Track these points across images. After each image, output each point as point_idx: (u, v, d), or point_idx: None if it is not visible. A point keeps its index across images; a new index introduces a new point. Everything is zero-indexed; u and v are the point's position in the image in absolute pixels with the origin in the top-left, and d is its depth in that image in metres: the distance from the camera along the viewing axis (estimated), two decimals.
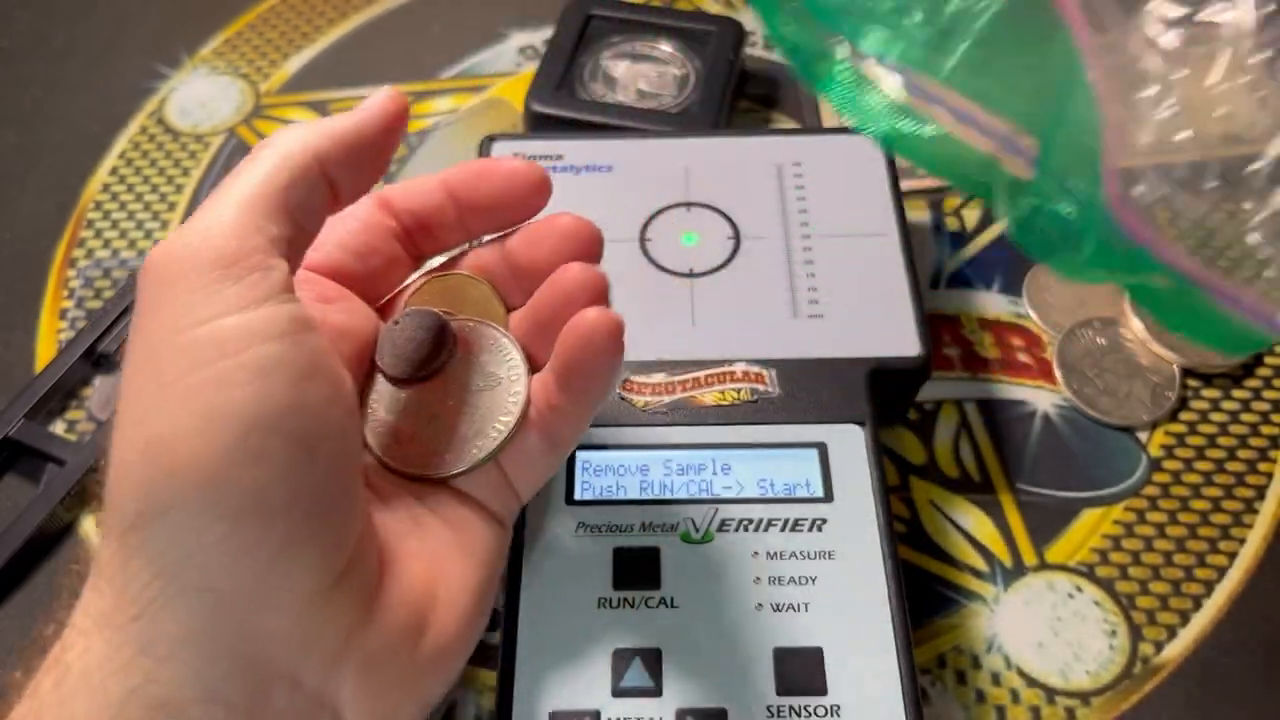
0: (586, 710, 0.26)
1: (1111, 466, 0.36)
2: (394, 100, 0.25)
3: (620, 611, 0.28)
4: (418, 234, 0.28)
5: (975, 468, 0.36)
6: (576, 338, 0.25)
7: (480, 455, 0.26)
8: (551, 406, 0.26)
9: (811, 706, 0.26)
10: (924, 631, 0.33)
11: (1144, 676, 0.32)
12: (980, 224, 0.43)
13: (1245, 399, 0.38)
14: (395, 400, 0.27)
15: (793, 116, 0.47)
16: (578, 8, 0.47)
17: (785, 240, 0.35)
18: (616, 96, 0.44)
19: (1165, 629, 0.33)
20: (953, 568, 0.34)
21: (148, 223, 0.44)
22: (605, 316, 0.25)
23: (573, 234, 0.27)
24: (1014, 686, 0.32)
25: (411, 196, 0.28)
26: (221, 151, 0.46)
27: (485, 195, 0.27)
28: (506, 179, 0.27)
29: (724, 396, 0.32)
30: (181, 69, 0.49)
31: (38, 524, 0.34)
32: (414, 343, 0.27)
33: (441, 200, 0.28)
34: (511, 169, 0.27)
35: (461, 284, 0.28)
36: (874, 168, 0.37)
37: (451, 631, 0.24)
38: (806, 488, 0.30)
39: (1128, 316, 0.39)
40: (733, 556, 0.29)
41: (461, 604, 0.25)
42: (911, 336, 0.33)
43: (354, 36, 0.51)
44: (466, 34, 0.51)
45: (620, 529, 0.29)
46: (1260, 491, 0.35)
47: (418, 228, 0.28)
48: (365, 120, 0.25)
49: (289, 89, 0.49)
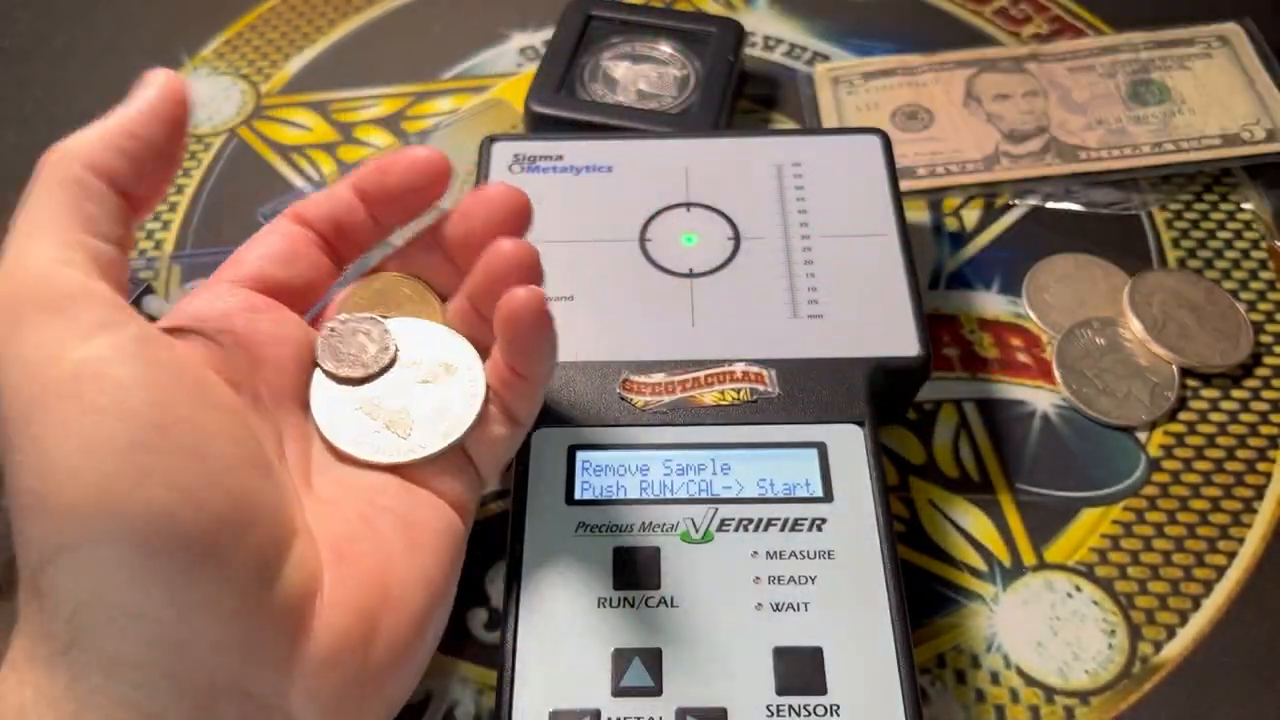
0: (586, 710, 0.26)
1: (1110, 466, 0.36)
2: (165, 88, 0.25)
3: (620, 611, 0.28)
4: (335, 239, 0.29)
5: (974, 468, 0.36)
6: (506, 318, 0.25)
7: (451, 438, 0.27)
8: (505, 384, 0.27)
9: (811, 706, 0.26)
10: (923, 631, 0.33)
11: (1143, 676, 0.32)
12: (980, 224, 0.43)
13: (1244, 399, 0.38)
14: (345, 399, 0.27)
15: (793, 116, 0.47)
16: (578, 8, 0.47)
17: (785, 240, 0.35)
18: (616, 97, 0.44)
19: (1164, 628, 0.33)
20: (952, 567, 0.34)
21: (149, 223, 0.44)
22: (531, 296, 0.25)
23: (502, 203, 0.28)
24: (1013, 686, 0.32)
25: (322, 204, 0.29)
26: (223, 152, 0.46)
27: (392, 186, 0.28)
28: (408, 168, 0.28)
29: (724, 396, 0.32)
30: (182, 69, 0.49)
31: None
32: (355, 345, 0.28)
33: (350, 201, 0.28)
34: (412, 157, 0.28)
35: (393, 284, 0.29)
36: (874, 168, 0.37)
37: (406, 631, 0.24)
38: (806, 487, 0.30)
39: (1127, 317, 0.39)
40: (732, 556, 0.29)
41: (416, 601, 0.25)
42: (911, 337, 0.33)
43: (355, 37, 0.51)
44: (467, 35, 0.51)
45: (620, 529, 0.29)
46: (1259, 491, 0.35)
47: (334, 233, 0.29)
48: (135, 118, 0.24)
49: (290, 90, 0.49)
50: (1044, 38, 0.49)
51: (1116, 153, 0.43)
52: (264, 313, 0.27)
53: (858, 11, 0.51)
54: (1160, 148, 0.43)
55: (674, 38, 0.46)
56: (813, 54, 0.49)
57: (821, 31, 0.50)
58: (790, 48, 0.50)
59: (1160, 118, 0.44)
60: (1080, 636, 0.32)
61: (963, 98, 0.46)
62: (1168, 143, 0.43)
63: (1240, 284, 0.41)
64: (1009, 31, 0.50)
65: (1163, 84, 0.46)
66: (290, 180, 0.45)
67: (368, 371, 0.27)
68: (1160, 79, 0.46)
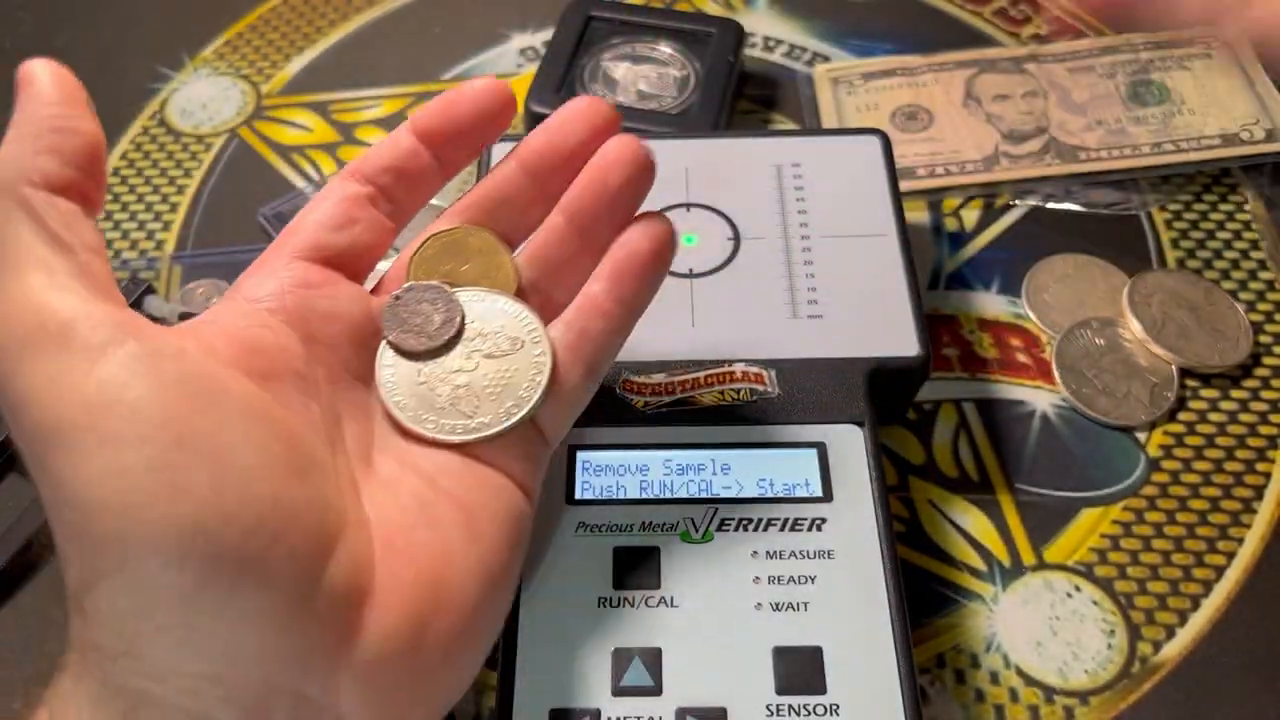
0: (587, 709, 0.26)
1: (1110, 466, 0.36)
2: (53, 75, 0.23)
3: (620, 611, 0.28)
4: (397, 190, 0.28)
5: (974, 467, 0.36)
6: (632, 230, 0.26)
7: (516, 417, 0.26)
8: (589, 328, 0.27)
9: (811, 705, 0.26)
10: (923, 631, 0.33)
11: (1142, 676, 0.32)
12: (979, 224, 0.43)
13: (1243, 399, 0.38)
14: (408, 371, 0.27)
15: (793, 117, 0.47)
16: (578, 9, 0.47)
17: (785, 241, 0.35)
18: (616, 98, 0.44)
19: (1163, 628, 0.33)
20: (951, 567, 0.34)
21: (150, 223, 0.44)
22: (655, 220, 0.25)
23: (595, 112, 0.27)
24: (1013, 686, 0.32)
25: (382, 155, 0.28)
26: (223, 152, 0.46)
27: (461, 118, 0.27)
28: (475, 98, 0.27)
29: (724, 396, 0.32)
30: (183, 70, 0.49)
31: (40, 524, 0.34)
32: (420, 315, 0.27)
33: (412, 146, 0.28)
34: (477, 87, 0.27)
35: (462, 236, 0.28)
36: (873, 168, 0.37)
37: (460, 626, 0.24)
38: (806, 487, 0.30)
39: (1126, 317, 0.39)
40: (732, 556, 0.29)
41: (472, 597, 0.24)
42: (911, 337, 0.33)
43: (355, 38, 0.51)
44: (467, 35, 0.51)
45: (620, 529, 0.29)
46: (1258, 491, 0.35)
47: (395, 182, 0.28)
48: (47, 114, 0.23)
49: (290, 90, 0.49)
50: (1044, 38, 0.49)
51: (1116, 153, 0.43)
52: (318, 288, 0.26)
53: (857, 12, 0.51)
54: (1160, 148, 0.43)
55: (674, 38, 0.46)
56: (812, 54, 0.50)
57: (821, 32, 0.51)
58: (790, 48, 0.50)
59: (1160, 118, 0.44)
60: (1080, 636, 0.32)
61: (962, 98, 0.46)
62: (1167, 143, 0.43)
63: (1240, 284, 0.41)
64: (1009, 32, 0.50)
65: (1162, 84, 0.46)
66: (291, 181, 0.45)
67: (433, 344, 0.27)
68: (1160, 79, 0.46)
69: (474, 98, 0.27)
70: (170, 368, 0.21)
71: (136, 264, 0.42)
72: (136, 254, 0.43)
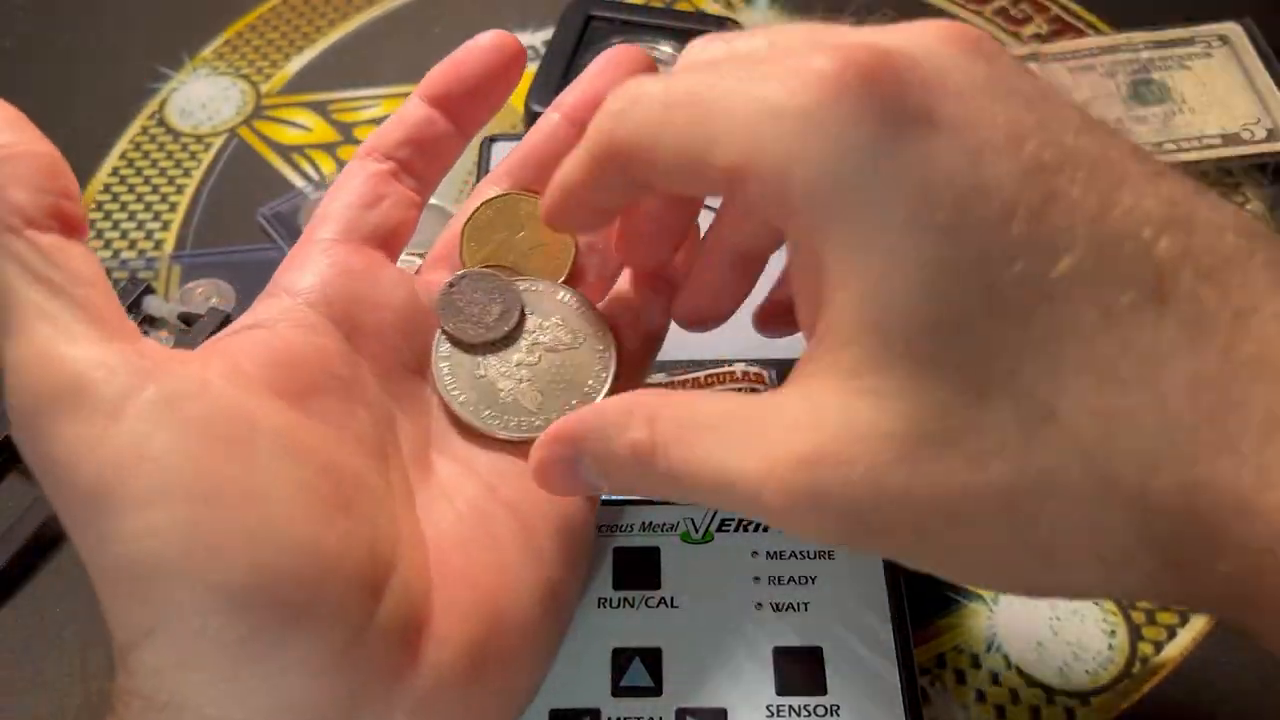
0: (586, 709, 0.26)
1: None
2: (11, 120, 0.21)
3: (620, 611, 0.28)
4: (417, 162, 0.27)
5: None
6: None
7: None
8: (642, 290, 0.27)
9: (811, 706, 0.26)
10: (923, 631, 0.33)
11: (1143, 676, 0.32)
12: None
13: None
14: (466, 363, 0.26)
15: None
16: (578, 8, 0.47)
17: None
18: None
19: (1164, 629, 0.33)
20: None
21: (149, 223, 0.44)
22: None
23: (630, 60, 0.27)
24: (1013, 686, 0.32)
25: (396, 128, 0.27)
26: (223, 152, 0.46)
27: (471, 76, 0.27)
28: (482, 54, 0.27)
29: None
30: (182, 70, 0.49)
31: (39, 524, 0.34)
32: (477, 305, 0.26)
33: (425, 114, 0.27)
34: (482, 43, 0.27)
35: (511, 202, 0.27)
36: None
37: (519, 650, 0.23)
38: None
39: None
40: (732, 556, 0.29)
41: (531, 619, 0.24)
42: None
43: (355, 37, 0.51)
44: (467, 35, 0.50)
45: (620, 529, 0.29)
46: None
47: (415, 154, 0.27)
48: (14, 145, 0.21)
49: (290, 90, 0.49)
50: (1044, 38, 0.49)
51: None
52: (360, 274, 0.25)
53: (857, 12, 0.51)
54: (1160, 147, 0.43)
55: (674, 38, 0.46)
56: None
57: None
58: None
59: (1160, 117, 0.44)
60: (1080, 637, 0.32)
61: None
62: (1168, 142, 0.43)
63: None
64: (1009, 32, 0.50)
65: (1163, 84, 0.46)
66: (290, 180, 0.45)
67: (491, 335, 0.26)
68: (1160, 79, 0.46)
69: (482, 54, 0.27)
70: (193, 410, 0.20)
71: (135, 264, 0.42)
72: (135, 254, 0.43)
